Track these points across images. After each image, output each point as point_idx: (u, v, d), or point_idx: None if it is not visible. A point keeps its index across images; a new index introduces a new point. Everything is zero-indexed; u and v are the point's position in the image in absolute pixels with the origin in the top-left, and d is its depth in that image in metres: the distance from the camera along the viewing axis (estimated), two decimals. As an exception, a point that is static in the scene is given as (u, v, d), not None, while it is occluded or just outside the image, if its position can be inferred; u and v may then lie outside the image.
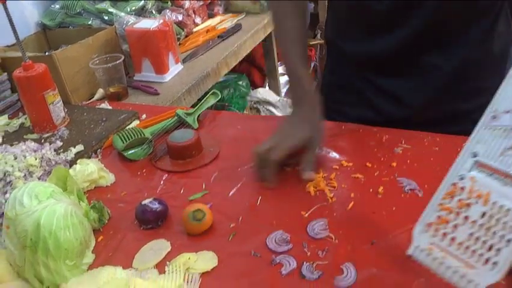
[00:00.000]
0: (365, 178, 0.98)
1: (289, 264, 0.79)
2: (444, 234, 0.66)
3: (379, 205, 0.90)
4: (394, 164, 1.01)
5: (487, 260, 0.61)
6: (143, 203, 0.94)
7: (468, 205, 0.66)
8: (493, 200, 0.64)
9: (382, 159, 1.03)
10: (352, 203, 0.92)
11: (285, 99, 2.86)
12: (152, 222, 0.93)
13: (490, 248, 0.61)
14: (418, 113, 1.13)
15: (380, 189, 0.94)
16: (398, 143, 1.07)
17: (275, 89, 2.87)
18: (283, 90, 3.02)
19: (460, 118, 1.08)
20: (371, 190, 0.94)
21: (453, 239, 0.65)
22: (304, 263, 0.79)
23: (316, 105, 1.04)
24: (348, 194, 0.94)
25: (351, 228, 0.86)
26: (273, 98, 2.78)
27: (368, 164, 1.02)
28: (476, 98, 1.02)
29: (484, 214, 0.64)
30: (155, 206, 0.93)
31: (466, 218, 0.65)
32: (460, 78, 1.07)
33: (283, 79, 3.03)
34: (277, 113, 2.75)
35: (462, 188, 0.67)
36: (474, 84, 1.09)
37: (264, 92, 2.82)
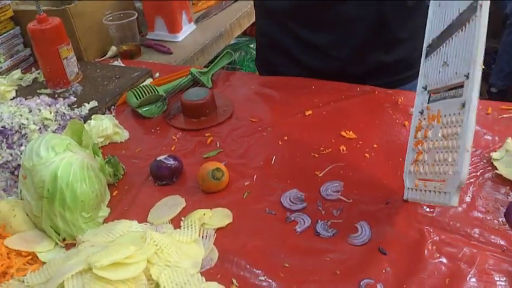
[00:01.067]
0: (379, 141, 0.98)
1: (304, 222, 0.80)
2: (422, 165, 0.76)
3: (393, 167, 0.90)
4: (407, 124, 1.01)
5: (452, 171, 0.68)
6: (158, 159, 0.94)
7: (429, 130, 0.76)
8: (443, 115, 0.73)
9: (397, 121, 1.03)
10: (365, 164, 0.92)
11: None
12: (167, 178, 0.93)
13: (452, 159, 0.69)
14: (345, 67, 1.18)
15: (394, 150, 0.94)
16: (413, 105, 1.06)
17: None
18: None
19: (383, 71, 1.19)
20: (384, 152, 0.95)
21: (428, 165, 0.74)
22: (319, 221, 0.80)
23: None
24: (363, 155, 0.95)
25: (365, 189, 0.86)
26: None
27: (382, 126, 1.02)
28: (395, 50, 1.17)
29: (441, 132, 0.73)
30: (171, 162, 0.94)
31: (432, 142, 0.75)
32: (380, 29, 1.14)
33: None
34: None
35: (424, 119, 0.78)
36: (392, 36, 1.15)
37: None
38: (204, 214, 0.83)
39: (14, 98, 1.25)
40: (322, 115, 1.09)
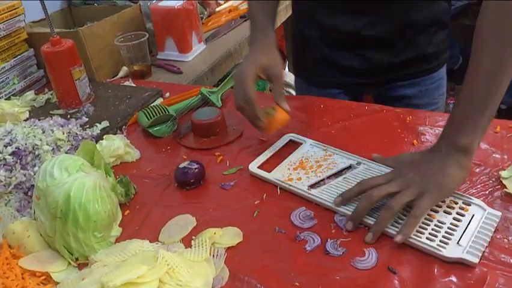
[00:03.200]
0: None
1: (314, 241, 0.80)
2: None
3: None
4: (415, 142, 1.03)
5: None
6: (181, 166, 0.98)
7: None
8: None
9: (406, 139, 1.04)
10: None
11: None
12: (196, 182, 0.98)
13: None
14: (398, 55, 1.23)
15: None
16: (421, 123, 1.08)
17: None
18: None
19: (427, 58, 1.25)
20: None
21: None
22: (329, 239, 0.80)
23: (273, 42, 1.10)
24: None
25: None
26: (293, 80, 2.77)
27: (391, 145, 1.03)
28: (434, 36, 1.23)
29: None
30: (194, 166, 0.98)
31: None
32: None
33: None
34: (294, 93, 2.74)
35: None
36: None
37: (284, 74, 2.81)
38: (215, 233, 0.83)
39: (27, 119, 1.28)
40: (331, 134, 1.10)
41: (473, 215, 0.81)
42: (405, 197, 0.79)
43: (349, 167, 0.96)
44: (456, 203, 0.84)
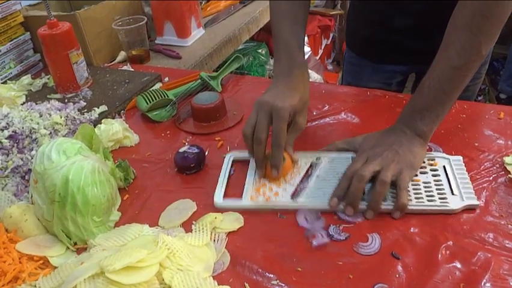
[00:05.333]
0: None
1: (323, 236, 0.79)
2: None
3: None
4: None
5: None
6: (181, 150, 0.97)
7: None
8: None
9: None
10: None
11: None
12: (196, 166, 0.96)
13: None
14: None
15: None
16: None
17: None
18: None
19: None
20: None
21: None
22: (331, 225, 0.80)
23: (306, 76, 0.99)
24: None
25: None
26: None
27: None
28: None
29: None
30: (194, 151, 0.96)
31: None
32: None
33: (302, 48, 2.97)
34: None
35: None
36: None
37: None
38: (216, 218, 0.82)
39: (24, 103, 1.26)
40: (332, 120, 1.08)
41: (444, 166, 0.89)
42: (391, 171, 0.82)
43: (310, 166, 0.93)
44: (424, 162, 0.90)
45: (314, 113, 1.12)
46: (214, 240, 0.79)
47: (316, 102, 1.16)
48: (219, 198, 0.88)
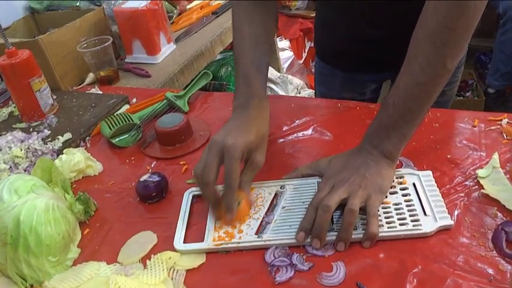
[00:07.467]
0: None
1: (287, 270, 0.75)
2: None
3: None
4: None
5: None
6: (142, 179, 0.93)
7: None
8: None
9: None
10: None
11: (285, 75, 2.80)
12: (158, 195, 0.93)
13: None
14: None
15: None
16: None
17: (275, 65, 2.80)
18: (284, 66, 2.96)
19: None
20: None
21: None
22: (295, 253, 0.76)
23: (265, 107, 0.95)
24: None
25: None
26: (272, 75, 2.73)
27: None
28: None
29: None
30: (155, 178, 0.93)
31: None
32: None
33: (283, 54, 2.96)
34: (277, 89, 2.70)
35: None
36: None
37: (263, 68, 2.76)
38: (170, 258, 0.78)
39: (-13, 134, 1.22)
40: (301, 135, 1.05)
41: (414, 183, 0.85)
42: (358, 198, 0.78)
43: (275, 196, 0.89)
44: (393, 181, 0.86)
45: (284, 129, 1.09)
46: (172, 278, 0.75)
47: (286, 117, 1.13)
48: (178, 243, 0.81)
